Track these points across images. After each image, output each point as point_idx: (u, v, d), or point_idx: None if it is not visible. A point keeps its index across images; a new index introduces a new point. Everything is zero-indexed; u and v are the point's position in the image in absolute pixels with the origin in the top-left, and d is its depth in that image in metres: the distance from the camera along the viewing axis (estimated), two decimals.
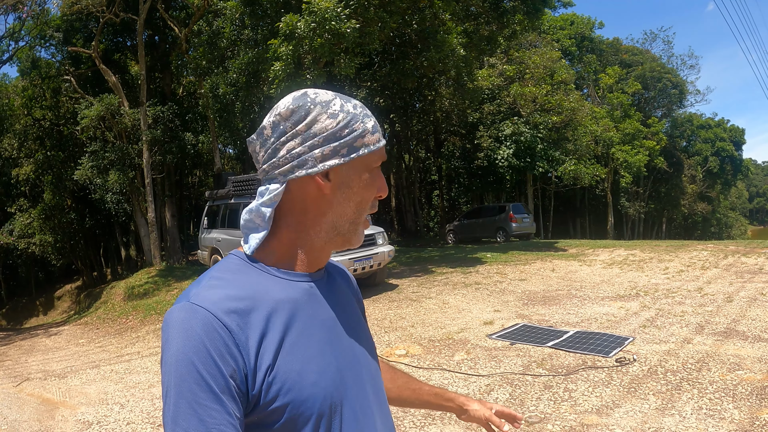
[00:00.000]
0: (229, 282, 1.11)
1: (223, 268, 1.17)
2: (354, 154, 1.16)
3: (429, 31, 17.05)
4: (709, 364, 5.99)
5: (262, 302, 1.10)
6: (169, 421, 0.99)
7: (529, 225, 25.67)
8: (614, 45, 51.05)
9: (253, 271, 1.17)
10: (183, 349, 1.00)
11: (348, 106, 1.17)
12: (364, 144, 1.17)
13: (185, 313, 1.04)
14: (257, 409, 1.05)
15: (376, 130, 1.20)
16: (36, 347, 12.89)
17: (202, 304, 1.04)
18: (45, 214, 28.90)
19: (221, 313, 1.04)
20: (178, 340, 1.02)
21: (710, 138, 55.64)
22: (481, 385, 5.97)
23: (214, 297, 1.06)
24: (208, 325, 1.02)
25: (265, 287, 1.13)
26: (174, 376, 1.00)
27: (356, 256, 11.31)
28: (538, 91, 28.37)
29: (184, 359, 1.00)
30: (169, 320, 1.06)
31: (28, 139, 29.60)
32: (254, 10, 16.15)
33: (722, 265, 12.87)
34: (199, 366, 0.99)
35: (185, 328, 1.02)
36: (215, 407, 0.98)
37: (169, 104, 23.15)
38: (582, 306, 9.65)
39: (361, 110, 1.19)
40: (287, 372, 1.07)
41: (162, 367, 1.04)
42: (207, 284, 1.10)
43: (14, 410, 7.08)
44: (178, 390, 0.99)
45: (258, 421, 1.06)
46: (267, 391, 1.04)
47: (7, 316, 33.60)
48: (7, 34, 25.63)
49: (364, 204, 1.21)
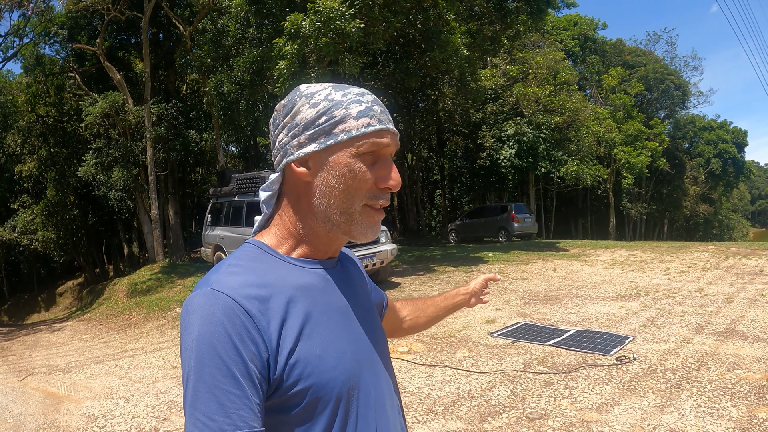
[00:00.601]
0: (248, 269, 1.14)
1: (241, 255, 1.19)
2: (332, 141, 1.16)
3: (433, 31, 17.08)
4: (709, 364, 6.05)
5: (281, 288, 1.12)
6: (188, 405, 1.00)
7: (531, 225, 25.67)
8: (617, 46, 50.96)
9: (270, 258, 1.20)
10: (204, 333, 1.01)
11: (336, 95, 1.19)
12: (345, 129, 1.16)
13: (206, 298, 1.05)
14: (278, 393, 1.06)
15: (363, 115, 1.17)
16: (39, 342, 12.94)
17: (222, 290, 1.06)
18: (48, 210, 28.93)
19: (242, 299, 1.05)
20: (198, 325, 1.03)
21: (713, 140, 55.56)
22: (482, 381, 6.03)
23: (234, 283, 1.08)
24: (229, 310, 1.03)
25: (282, 274, 1.16)
26: (194, 360, 1.01)
27: (359, 254, 11.34)
28: (541, 91, 28.39)
29: (205, 344, 1.01)
30: (190, 306, 1.07)
31: (31, 136, 29.61)
32: (259, 9, 16.18)
33: (723, 267, 12.91)
34: (220, 350, 1.00)
35: (206, 314, 1.03)
36: (235, 391, 0.99)
37: (173, 102, 23.23)
38: (583, 305, 9.70)
39: (353, 97, 1.19)
40: (308, 356, 1.09)
41: (182, 353, 1.05)
42: (227, 271, 1.12)
43: (19, 404, 7.12)
44: (198, 374, 1.00)
45: (279, 404, 1.08)
46: (288, 376, 1.06)
47: (9, 312, 33.65)
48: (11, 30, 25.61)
49: (356, 193, 1.17)
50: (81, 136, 26.78)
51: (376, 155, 1.19)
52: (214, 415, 0.98)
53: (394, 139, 1.21)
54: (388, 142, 1.19)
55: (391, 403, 1.28)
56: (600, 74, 44.71)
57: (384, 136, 1.19)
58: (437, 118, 30.31)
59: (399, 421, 1.31)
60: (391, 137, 1.20)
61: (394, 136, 1.21)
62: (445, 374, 6.40)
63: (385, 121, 1.19)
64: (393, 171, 1.20)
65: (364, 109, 1.17)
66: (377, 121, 1.18)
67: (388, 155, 1.21)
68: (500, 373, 6.28)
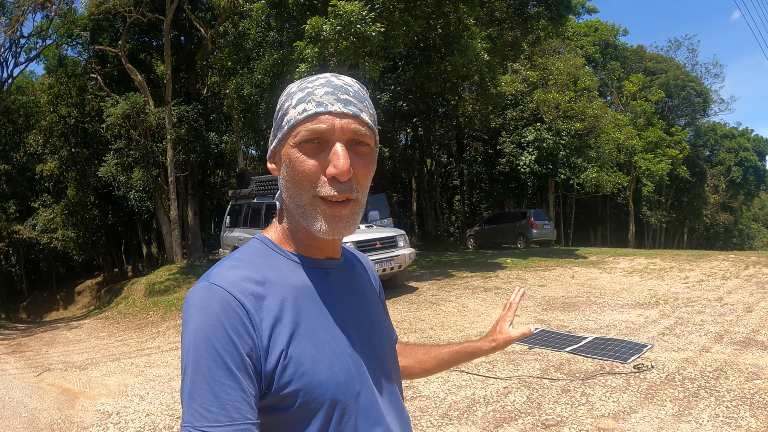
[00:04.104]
0: (249, 264, 1.14)
1: (245, 250, 1.20)
2: (280, 134, 1.17)
3: (453, 35, 17.06)
4: (727, 373, 5.97)
5: (279, 287, 1.13)
6: (185, 396, 1.02)
7: (549, 232, 25.58)
8: (638, 52, 50.61)
9: (272, 254, 1.20)
10: (201, 326, 1.03)
11: (293, 87, 1.18)
12: (287, 120, 1.14)
13: (204, 292, 1.07)
14: (271, 393, 1.07)
15: (301, 101, 1.13)
16: (57, 339, 13.03)
17: (220, 284, 1.07)
18: (68, 209, 29.24)
19: (238, 293, 1.06)
20: (196, 318, 1.04)
21: (734, 148, 55.03)
22: (498, 387, 5.99)
23: (232, 277, 1.09)
24: (226, 303, 1.04)
25: (283, 272, 1.16)
26: (192, 353, 1.03)
27: (377, 257, 11.34)
28: (562, 97, 28.28)
29: (202, 337, 1.02)
30: (190, 299, 1.08)
31: (53, 136, 29.95)
32: (280, 12, 16.24)
33: (743, 276, 12.77)
34: (216, 343, 1.02)
35: (204, 307, 1.05)
36: (230, 384, 1.00)
37: (193, 104, 23.35)
38: (601, 313, 9.62)
39: (305, 85, 1.16)
40: (301, 357, 1.08)
41: (182, 345, 1.07)
42: (227, 265, 1.13)
43: (35, 399, 7.20)
44: (195, 367, 1.02)
45: (272, 405, 1.08)
46: (281, 376, 1.06)
47: (28, 310, 33.92)
48: (34, 32, 25.90)
49: (300, 184, 1.13)
50: (102, 137, 27.04)
51: (322, 142, 1.12)
52: (210, 406, 1.00)
53: (339, 122, 1.12)
54: (325, 127, 1.11)
55: (393, 410, 1.26)
56: (621, 81, 44.43)
57: (320, 120, 1.11)
58: (457, 124, 30.29)
59: (401, 425, 1.28)
60: (330, 120, 1.11)
61: (339, 117, 1.12)
62: (461, 379, 6.37)
63: (327, 103, 1.12)
64: (337, 157, 1.10)
65: (304, 95, 1.14)
66: (315, 105, 1.12)
67: (334, 140, 1.12)
68: (516, 378, 6.24)
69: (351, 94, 1.15)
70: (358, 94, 1.17)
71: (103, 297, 24.15)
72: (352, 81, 1.20)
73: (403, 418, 1.29)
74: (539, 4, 20.23)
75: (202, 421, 0.99)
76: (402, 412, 1.30)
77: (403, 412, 1.31)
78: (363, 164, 1.15)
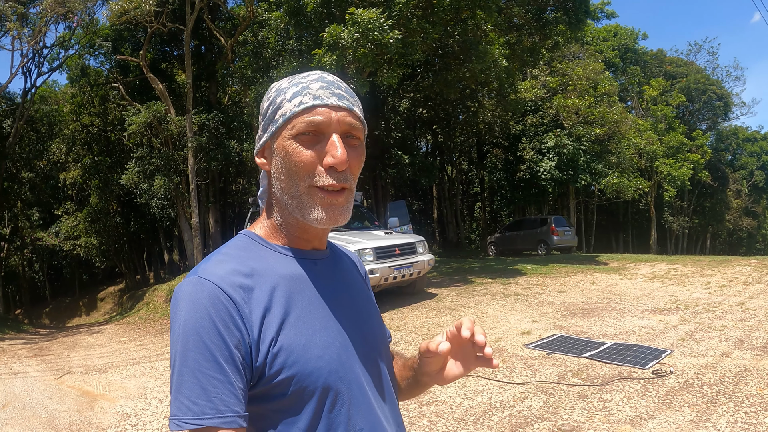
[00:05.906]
0: (236, 258, 1.17)
1: (232, 245, 1.23)
2: (273, 127, 1.19)
3: (471, 42, 17.05)
4: (747, 378, 5.92)
5: (267, 278, 1.15)
6: (173, 388, 1.04)
7: (570, 238, 25.46)
8: (658, 56, 50.28)
9: (258, 247, 1.23)
10: (189, 320, 1.05)
11: (284, 83, 1.23)
12: (282, 114, 1.17)
13: (193, 286, 1.09)
14: (262, 382, 1.09)
15: (296, 95, 1.17)
16: (78, 344, 13.15)
17: (209, 278, 1.09)
18: (91, 217, 29.57)
19: (227, 286, 1.08)
20: (185, 311, 1.06)
21: (756, 151, 54.47)
22: (515, 392, 5.99)
23: (220, 271, 1.11)
24: (214, 297, 1.06)
25: (270, 263, 1.19)
26: (180, 345, 1.05)
27: (396, 263, 11.33)
28: (582, 103, 28.15)
29: (191, 330, 1.04)
30: (178, 293, 1.10)
31: (76, 144, 30.33)
32: (299, 21, 16.32)
33: (765, 281, 12.63)
34: (204, 336, 1.04)
35: (192, 300, 1.07)
36: (218, 376, 1.03)
37: (214, 112, 23.48)
38: (621, 318, 9.57)
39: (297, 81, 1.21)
40: (291, 345, 1.10)
41: (170, 338, 1.09)
42: (215, 259, 1.16)
43: (55, 400, 7.31)
44: (183, 359, 1.04)
45: (264, 393, 1.10)
46: (272, 364, 1.08)
47: (50, 315, 34.30)
48: (57, 42, 26.30)
49: (296, 174, 1.17)
50: (124, 145, 27.32)
51: (318, 134, 1.17)
52: (196, 398, 1.02)
53: (336, 115, 1.17)
54: (322, 119, 1.15)
55: (384, 397, 1.28)
56: (641, 85, 44.17)
57: (317, 113, 1.16)
58: (477, 130, 30.26)
59: (393, 415, 1.29)
60: (327, 113, 1.16)
61: (335, 110, 1.17)
62: (478, 384, 6.37)
63: (323, 97, 1.17)
64: (335, 148, 1.15)
65: (299, 89, 1.18)
66: (311, 98, 1.16)
67: (330, 132, 1.16)
68: (533, 384, 6.22)
69: (343, 90, 1.22)
70: (349, 90, 1.24)
71: (125, 303, 24.37)
72: (340, 80, 1.26)
73: (394, 408, 1.32)
74: (557, 9, 20.18)
75: (189, 414, 1.01)
76: (393, 402, 1.32)
77: (393, 402, 1.33)
78: (356, 155, 1.21)
